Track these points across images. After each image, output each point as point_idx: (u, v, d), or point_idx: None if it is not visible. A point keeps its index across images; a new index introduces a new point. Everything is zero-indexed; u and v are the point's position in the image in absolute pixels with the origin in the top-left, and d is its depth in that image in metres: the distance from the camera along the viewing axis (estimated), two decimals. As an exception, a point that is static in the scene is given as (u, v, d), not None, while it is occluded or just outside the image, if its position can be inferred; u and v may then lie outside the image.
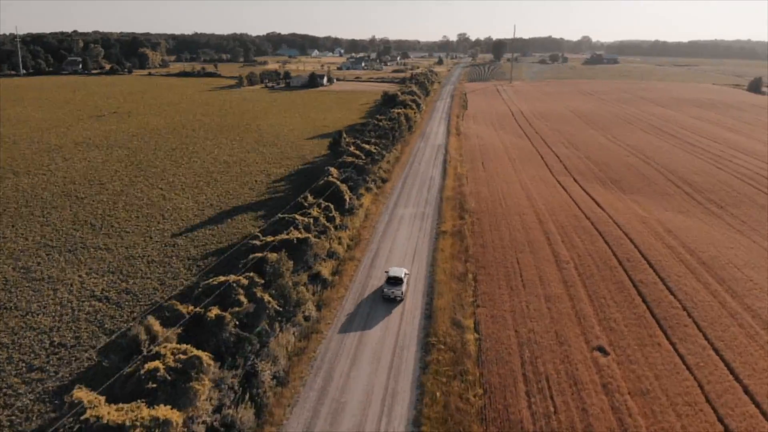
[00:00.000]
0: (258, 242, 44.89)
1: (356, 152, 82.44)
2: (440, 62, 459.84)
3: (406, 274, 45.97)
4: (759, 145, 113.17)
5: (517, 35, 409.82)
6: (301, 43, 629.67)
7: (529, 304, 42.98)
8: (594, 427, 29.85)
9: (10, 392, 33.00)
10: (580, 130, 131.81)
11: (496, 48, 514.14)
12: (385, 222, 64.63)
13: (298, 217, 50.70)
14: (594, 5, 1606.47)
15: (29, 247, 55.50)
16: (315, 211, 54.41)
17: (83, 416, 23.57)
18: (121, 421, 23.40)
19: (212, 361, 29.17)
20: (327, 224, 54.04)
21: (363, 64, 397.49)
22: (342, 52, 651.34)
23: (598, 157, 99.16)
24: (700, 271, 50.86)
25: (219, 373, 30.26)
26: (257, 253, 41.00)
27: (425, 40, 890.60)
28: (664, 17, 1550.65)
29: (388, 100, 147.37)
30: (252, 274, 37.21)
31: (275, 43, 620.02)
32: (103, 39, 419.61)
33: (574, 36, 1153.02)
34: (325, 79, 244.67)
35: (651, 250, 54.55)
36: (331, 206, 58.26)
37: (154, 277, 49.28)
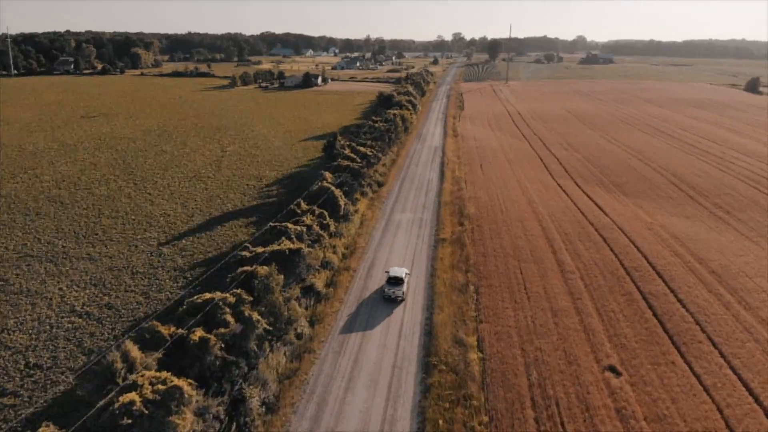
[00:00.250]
0: (247, 254, 42.40)
1: (351, 155, 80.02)
2: (436, 62, 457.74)
3: (406, 274, 45.86)
4: (760, 146, 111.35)
5: (512, 35, 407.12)
6: (296, 43, 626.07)
7: (534, 319, 40.66)
8: (610, 460, 27.58)
9: (-24, 422, 30.48)
10: (579, 131, 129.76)
11: (492, 48, 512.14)
12: (382, 228, 62.22)
13: (290, 225, 48.24)
14: (588, 5, 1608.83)
15: (9, 257, 52.83)
16: (308, 219, 51.95)
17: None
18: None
19: (195, 391, 26.72)
20: (321, 232, 51.64)
21: (358, 64, 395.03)
22: (337, 51, 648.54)
23: (598, 160, 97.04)
24: (711, 281, 48.70)
25: (203, 401, 27.83)
26: (246, 267, 38.50)
27: (420, 39, 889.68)
28: (659, 17, 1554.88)
29: (384, 101, 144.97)
30: (239, 291, 34.71)
31: (270, 42, 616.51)
32: (96, 39, 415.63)
33: (569, 36, 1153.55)
34: (320, 79, 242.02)
35: (659, 258, 52.36)
36: (325, 213, 55.83)
37: (138, 290, 46.70)
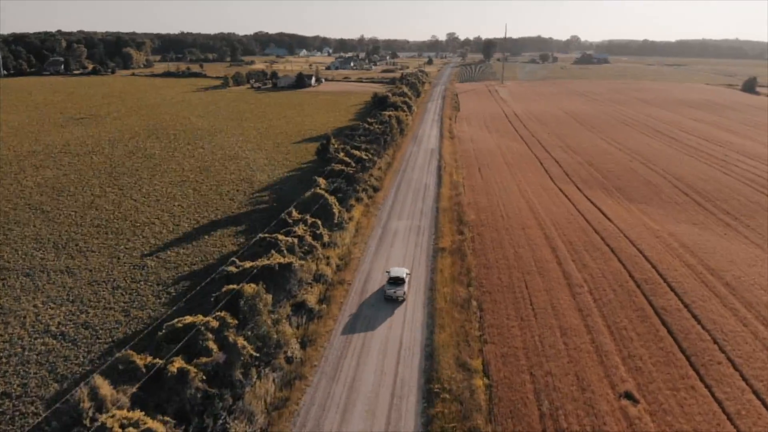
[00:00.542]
0: (234, 269, 39.48)
1: (346, 159, 77.17)
2: (430, 62, 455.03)
3: (407, 274, 45.78)
4: (762, 148, 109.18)
5: (506, 35, 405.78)
6: (289, 43, 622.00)
7: (543, 339, 37.94)
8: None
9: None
10: (577, 132, 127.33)
11: (486, 48, 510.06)
12: (378, 237, 59.38)
13: (281, 237, 45.37)
14: (582, 5, 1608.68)
15: (-18, 271, 49.82)
16: (300, 229, 49.08)
17: None
18: None
19: (171, 432, 23.83)
20: (313, 243, 48.79)
21: (352, 64, 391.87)
22: (330, 51, 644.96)
23: (599, 163, 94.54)
24: (725, 294, 46.16)
25: (182, 440, 24.99)
26: (232, 285, 35.57)
27: (414, 39, 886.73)
28: (652, 17, 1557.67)
29: (379, 102, 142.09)
30: (223, 313, 31.81)
31: (263, 42, 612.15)
32: (87, 39, 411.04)
33: (563, 36, 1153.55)
34: (313, 80, 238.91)
35: (669, 269, 49.78)
36: (319, 222, 52.97)
37: (119, 307, 43.70)
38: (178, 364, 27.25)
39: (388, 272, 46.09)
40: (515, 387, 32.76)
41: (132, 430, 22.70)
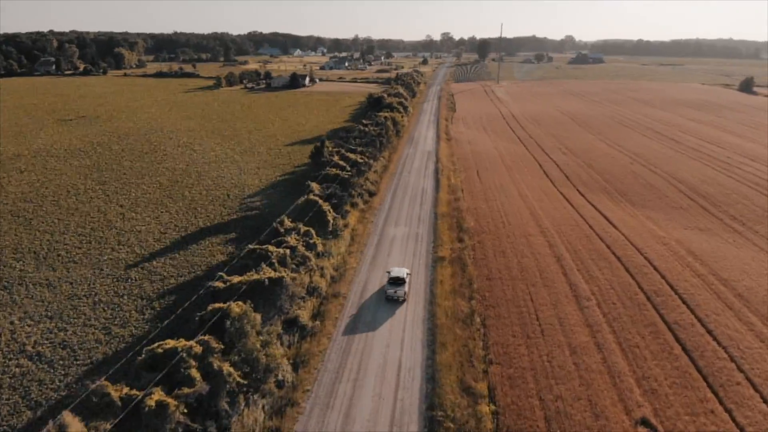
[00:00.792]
0: (221, 285, 36.93)
1: (341, 163, 74.71)
2: (425, 62, 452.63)
3: (407, 274, 45.83)
4: (763, 149, 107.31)
5: (502, 35, 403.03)
6: (283, 43, 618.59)
7: (551, 359, 35.59)
8: None
9: None
10: (576, 134, 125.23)
11: (481, 47, 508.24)
12: (374, 245, 56.91)
13: (272, 248, 42.87)
14: (576, 5, 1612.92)
15: (-44, 284, 47.10)
16: (292, 239, 46.57)
17: None
18: None
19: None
20: (306, 254, 46.28)
21: (346, 64, 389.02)
22: (325, 51, 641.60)
23: (600, 165, 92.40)
24: (739, 307, 43.97)
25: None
26: (218, 304, 33.02)
27: (409, 39, 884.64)
28: (645, 17, 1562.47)
29: (374, 103, 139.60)
30: (208, 337, 29.30)
31: (257, 42, 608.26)
32: (79, 38, 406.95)
33: (558, 35, 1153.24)
34: (307, 80, 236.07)
35: (680, 280, 47.56)
36: (312, 231, 50.46)
37: (99, 324, 41.07)
38: (156, 396, 24.76)
39: (389, 272, 45.91)
40: (524, 414, 30.39)
41: (101, 477, 20.21)
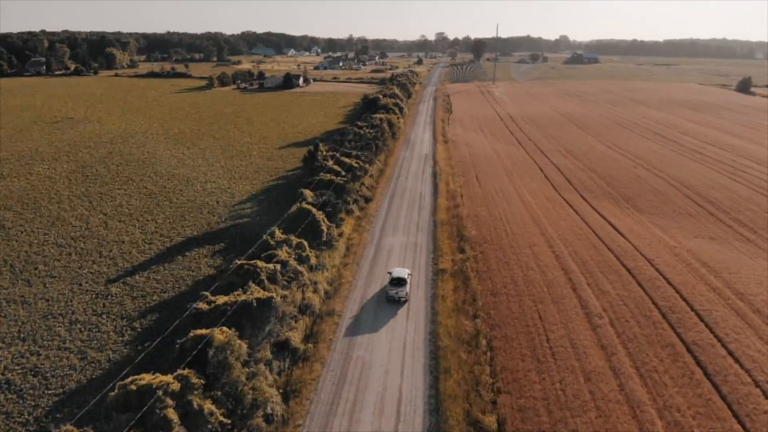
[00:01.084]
0: (205, 306, 33.88)
1: (335, 168, 71.67)
2: (420, 62, 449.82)
3: (409, 274, 46.08)
4: (765, 151, 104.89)
5: (497, 35, 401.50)
6: (277, 42, 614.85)
7: (565, 386, 32.72)
8: None
9: None
10: (575, 135, 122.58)
11: (476, 47, 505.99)
12: (371, 257, 53.92)
13: (261, 264, 39.83)
14: (570, 5, 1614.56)
15: None
16: (283, 253, 43.54)
17: None
18: None
19: None
20: (299, 268, 43.25)
21: (341, 64, 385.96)
22: (319, 51, 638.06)
23: (602, 169, 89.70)
24: (759, 324, 41.22)
25: None
26: (200, 330, 29.97)
27: (403, 39, 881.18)
28: (639, 17, 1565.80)
29: (369, 104, 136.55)
30: (187, 372, 26.27)
31: (250, 42, 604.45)
32: (70, 38, 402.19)
33: (552, 35, 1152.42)
34: (301, 80, 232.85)
35: (695, 295, 44.83)
36: (305, 243, 47.43)
37: (75, 346, 37.96)
38: (125, 445, 21.75)
39: (390, 273, 45.99)
40: (538, 453, 27.54)
41: None
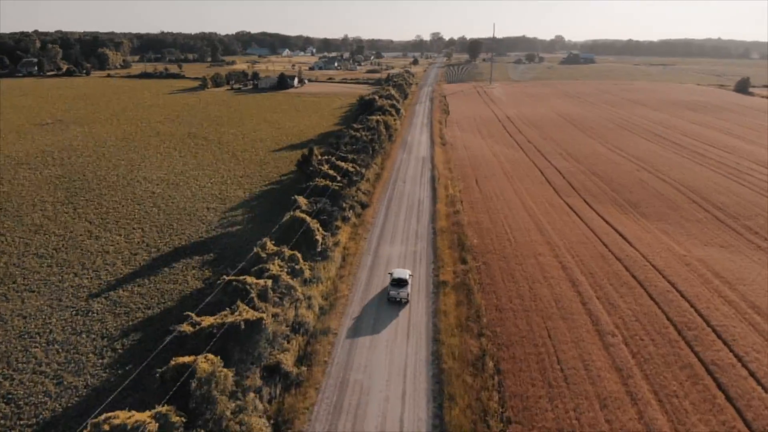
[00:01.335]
0: (189, 329, 31.23)
1: (330, 173, 69.05)
2: (416, 62, 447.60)
3: (410, 275, 45.97)
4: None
5: (494, 35, 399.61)
6: (272, 43, 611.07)
7: (579, 415, 30.26)
8: None
9: None
10: (575, 137, 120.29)
11: (472, 47, 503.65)
12: (368, 267, 51.34)
13: (251, 280, 37.20)
14: (566, 5, 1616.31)
15: None
16: (275, 267, 40.93)
17: None
18: None
19: None
20: (291, 283, 40.65)
21: (336, 64, 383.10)
22: (314, 51, 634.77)
23: (605, 173, 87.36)
24: (780, 339, 38.93)
25: None
26: (183, 359, 27.32)
27: (399, 39, 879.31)
28: (633, 17, 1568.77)
29: (365, 106, 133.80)
30: (166, 409, 23.66)
31: (245, 42, 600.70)
32: (62, 39, 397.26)
33: (547, 35, 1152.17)
34: (296, 81, 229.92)
35: (710, 309, 42.47)
36: (298, 255, 44.83)
37: (51, 370, 35.27)
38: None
39: (391, 273, 45.98)
40: (555, 495, 25.04)
41: None
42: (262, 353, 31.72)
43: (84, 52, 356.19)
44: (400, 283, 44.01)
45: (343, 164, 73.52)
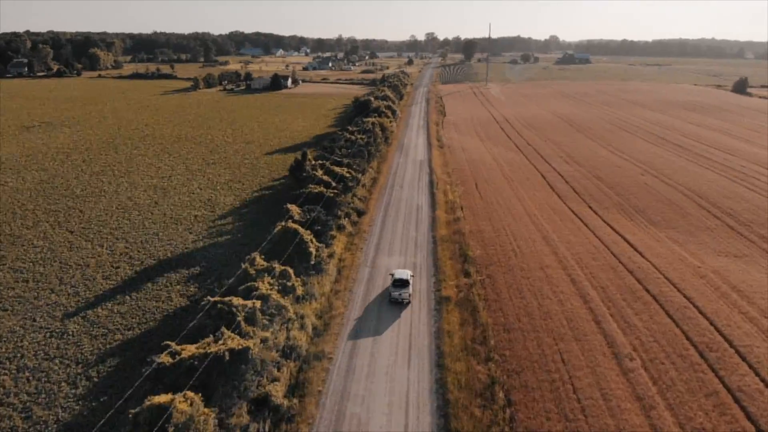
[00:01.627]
0: (168, 360, 28.16)
1: (325, 178, 66.05)
2: (410, 62, 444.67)
3: (411, 275, 45.96)
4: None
5: (487, 35, 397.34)
6: (266, 43, 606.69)
7: (600, 455, 27.37)
8: None
9: None
10: (575, 140, 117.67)
11: (467, 48, 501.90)
12: (366, 281, 48.31)
13: (238, 301, 34.14)
14: (560, 5, 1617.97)
15: None
16: (265, 285, 37.87)
17: None
18: None
19: None
20: (282, 302, 37.61)
21: (330, 65, 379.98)
22: (308, 51, 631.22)
23: (608, 177, 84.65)
24: (809, 361, 36.16)
25: None
26: (159, 398, 24.27)
27: (393, 39, 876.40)
28: (628, 17, 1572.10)
29: (361, 107, 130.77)
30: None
31: (238, 42, 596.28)
32: (54, 39, 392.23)
33: (542, 36, 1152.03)
34: (290, 81, 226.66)
35: (731, 326, 39.71)
36: (290, 271, 41.79)
37: (20, 401, 32.12)
38: None
39: (392, 274, 45.78)
40: None
41: None
42: (248, 386, 28.67)
43: (75, 53, 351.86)
44: (402, 284, 44.10)
45: (338, 169, 70.55)
